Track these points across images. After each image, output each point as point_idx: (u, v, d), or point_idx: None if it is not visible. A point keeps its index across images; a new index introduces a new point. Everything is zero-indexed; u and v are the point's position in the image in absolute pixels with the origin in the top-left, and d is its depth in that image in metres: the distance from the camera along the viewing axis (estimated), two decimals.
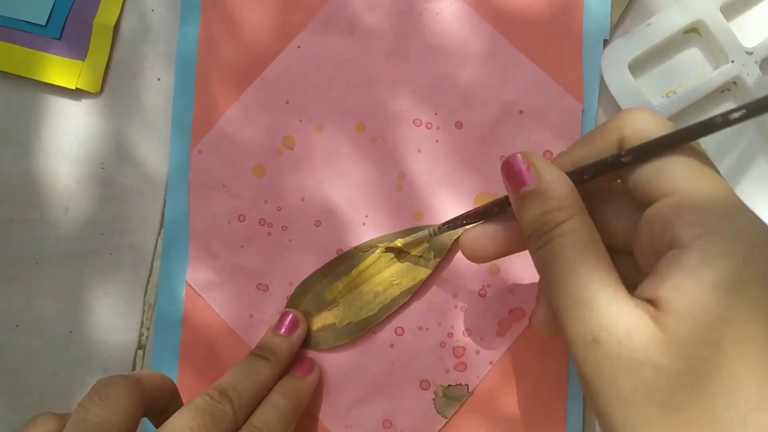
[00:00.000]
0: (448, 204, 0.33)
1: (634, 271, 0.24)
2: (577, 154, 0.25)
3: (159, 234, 0.35)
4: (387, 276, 0.33)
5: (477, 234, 0.27)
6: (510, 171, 0.24)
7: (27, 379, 0.35)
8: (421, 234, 0.31)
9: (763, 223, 0.21)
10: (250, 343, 0.33)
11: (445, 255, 0.33)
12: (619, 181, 0.25)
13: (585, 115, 0.33)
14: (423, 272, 0.33)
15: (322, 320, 0.33)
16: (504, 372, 0.32)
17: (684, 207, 0.21)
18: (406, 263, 0.33)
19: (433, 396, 0.33)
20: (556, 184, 0.23)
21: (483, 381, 0.33)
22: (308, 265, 0.34)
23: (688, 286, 0.19)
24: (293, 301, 0.33)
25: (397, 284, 0.33)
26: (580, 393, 0.32)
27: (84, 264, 0.35)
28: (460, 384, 0.33)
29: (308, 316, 0.33)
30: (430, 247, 0.32)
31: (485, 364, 0.33)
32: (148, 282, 0.35)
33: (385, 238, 0.33)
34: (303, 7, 0.34)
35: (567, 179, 0.24)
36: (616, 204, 0.25)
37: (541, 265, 0.23)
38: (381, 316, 0.33)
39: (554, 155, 0.33)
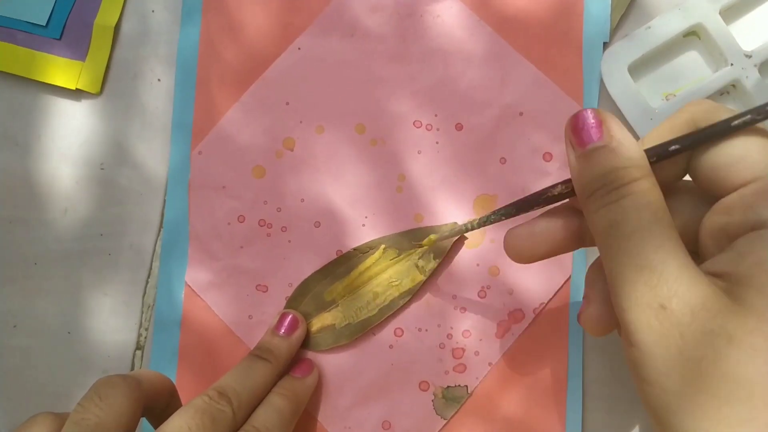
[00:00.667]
0: (448, 205, 0.33)
1: None
2: (645, 144, 0.23)
3: (158, 235, 0.35)
4: (386, 277, 0.33)
5: (525, 232, 0.25)
6: (578, 125, 0.23)
7: (25, 379, 0.35)
8: (456, 228, 0.29)
9: None
10: (249, 344, 0.33)
11: (445, 256, 0.33)
12: (684, 178, 0.24)
13: None
14: (422, 274, 0.33)
15: (321, 321, 0.33)
16: (503, 373, 0.32)
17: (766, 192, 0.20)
18: (406, 265, 0.33)
19: (432, 397, 0.33)
20: (629, 143, 0.22)
21: (482, 382, 0.33)
22: (308, 266, 0.34)
23: None
24: (292, 302, 0.33)
25: (397, 285, 0.33)
26: (580, 394, 0.32)
27: (83, 265, 0.35)
28: (459, 385, 0.33)
29: (307, 317, 0.33)
30: (429, 249, 0.33)
31: (484, 366, 0.33)
32: (146, 283, 0.35)
33: (385, 240, 0.33)
34: (304, 9, 0.34)
35: (638, 144, 0.22)
36: (681, 200, 0.24)
37: (605, 224, 0.21)
38: (380, 317, 0.33)
39: (553, 157, 0.33)
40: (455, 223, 0.33)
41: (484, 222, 0.27)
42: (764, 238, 0.19)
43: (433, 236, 0.31)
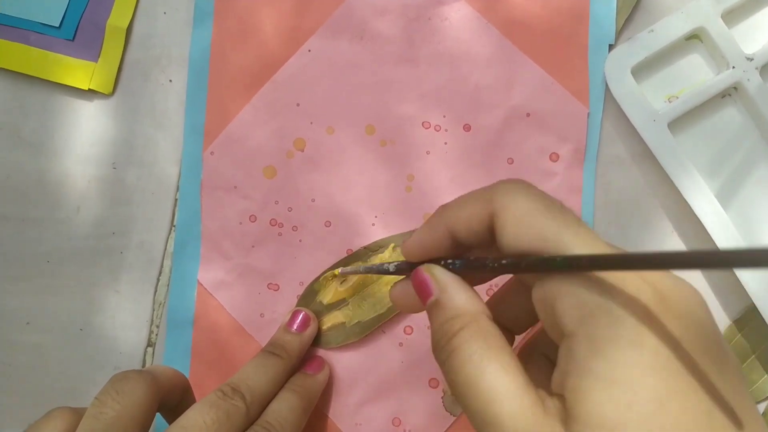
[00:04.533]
0: None
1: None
2: (451, 217, 0.23)
3: (169, 233, 0.35)
4: (396, 276, 0.33)
5: (400, 289, 0.25)
6: (416, 285, 0.23)
7: (38, 376, 0.35)
8: (354, 269, 0.31)
9: (654, 287, 0.19)
10: (261, 342, 0.34)
11: None
12: None
13: (591, 118, 0.34)
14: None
15: (332, 319, 0.33)
16: None
17: (564, 287, 0.19)
18: None
19: (442, 394, 0.33)
20: (453, 292, 0.22)
21: None
22: (318, 265, 0.34)
23: (585, 388, 0.18)
24: (303, 301, 0.34)
25: None
26: None
27: (95, 263, 0.35)
28: None
29: (318, 316, 0.34)
30: None
31: None
32: (158, 281, 0.35)
33: (394, 238, 0.34)
34: (314, 12, 0.35)
35: (464, 290, 0.22)
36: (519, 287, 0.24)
37: (452, 386, 0.21)
38: (388, 315, 0.33)
39: (560, 157, 0.34)
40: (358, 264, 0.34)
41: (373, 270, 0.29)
42: (570, 353, 0.19)
43: (336, 270, 0.33)
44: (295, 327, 0.32)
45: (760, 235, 0.34)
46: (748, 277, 0.32)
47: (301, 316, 0.33)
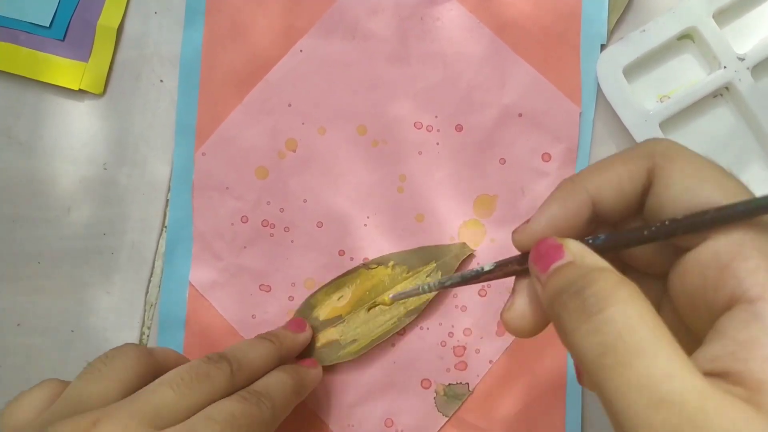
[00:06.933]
0: (449, 206, 0.34)
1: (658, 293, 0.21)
2: (593, 182, 0.20)
3: (160, 234, 0.35)
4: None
5: (519, 312, 0.21)
6: (539, 253, 0.20)
7: (29, 377, 0.35)
8: (412, 290, 0.26)
9: None
10: None
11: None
12: None
13: (583, 118, 0.34)
14: (429, 293, 0.32)
15: (327, 336, 0.33)
16: (504, 371, 0.33)
17: (747, 247, 0.17)
18: (414, 283, 0.33)
19: (434, 395, 0.33)
20: (591, 256, 0.19)
21: (483, 380, 0.33)
22: (310, 265, 0.34)
23: None
24: (299, 314, 0.34)
25: (404, 303, 0.33)
26: (579, 391, 0.33)
27: (86, 263, 0.35)
28: (460, 383, 0.33)
29: (314, 331, 0.33)
30: (437, 267, 0.33)
31: (485, 363, 0.33)
32: (149, 281, 0.35)
33: (394, 256, 0.33)
34: (305, 12, 0.35)
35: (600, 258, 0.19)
36: (652, 249, 0.21)
37: (597, 352, 0.17)
38: (383, 337, 0.33)
39: (552, 157, 0.34)
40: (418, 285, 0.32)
41: (439, 286, 0.25)
42: (759, 320, 0.16)
43: (387, 298, 0.32)
44: (290, 327, 0.32)
45: None
46: None
47: (296, 320, 0.33)
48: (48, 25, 0.35)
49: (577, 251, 0.19)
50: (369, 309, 0.33)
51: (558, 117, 0.34)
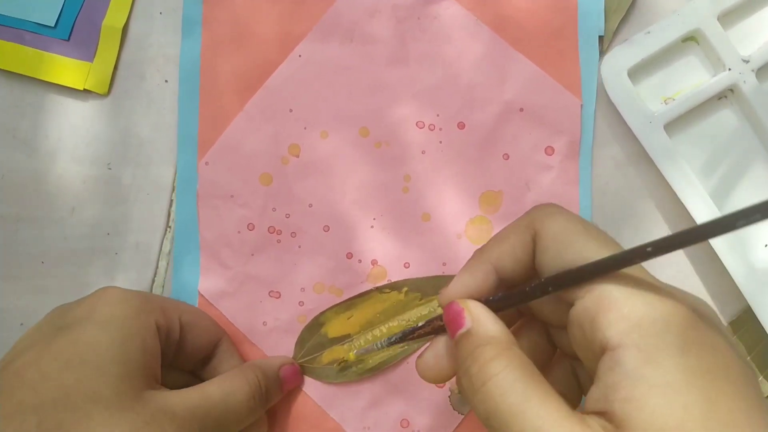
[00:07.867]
0: (455, 203, 0.34)
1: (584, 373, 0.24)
2: (493, 253, 0.24)
3: (164, 234, 0.35)
4: (406, 318, 0.33)
5: (427, 362, 0.25)
6: (448, 319, 0.23)
7: None
8: (371, 347, 0.29)
9: (685, 302, 0.20)
10: (265, 350, 0.34)
11: None
12: None
13: (584, 110, 0.34)
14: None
15: (333, 354, 0.33)
16: None
17: (609, 299, 0.20)
18: (427, 309, 0.33)
19: (449, 393, 0.33)
20: (486, 321, 0.22)
21: None
22: (319, 270, 0.34)
23: (639, 396, 0.18)
24: (308, 331, 0.34)
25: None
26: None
27: (89, 263, 0.35)
28: None
29: (321, 348, 0.33)
30: None
31: None
32: (153, 282, 0.35)
33: (408, 282, 0.33)
34: (303, 16, 0.34)
35: (495, 321, 0.22)
36: (549, 305, 0.24)
37: (483, 416, 0.20)
38: (394, 359, 0.33)
39: (555, 151, 0.34)
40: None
41: (394, 341, 0.27)
42: (619, 364, 0.19)
43: (351, 354, 0.33)
44: (285, 382, 0.33)
45: (754, 236, 0.34)
46: (742, 278, 0.32)
47: (295, 370, 0.33)
48: (53, 25, 0.35)
49: (476, 315, 0.22)
50: (338, 365, 0.33)
51: (559, 110, 0.34)
